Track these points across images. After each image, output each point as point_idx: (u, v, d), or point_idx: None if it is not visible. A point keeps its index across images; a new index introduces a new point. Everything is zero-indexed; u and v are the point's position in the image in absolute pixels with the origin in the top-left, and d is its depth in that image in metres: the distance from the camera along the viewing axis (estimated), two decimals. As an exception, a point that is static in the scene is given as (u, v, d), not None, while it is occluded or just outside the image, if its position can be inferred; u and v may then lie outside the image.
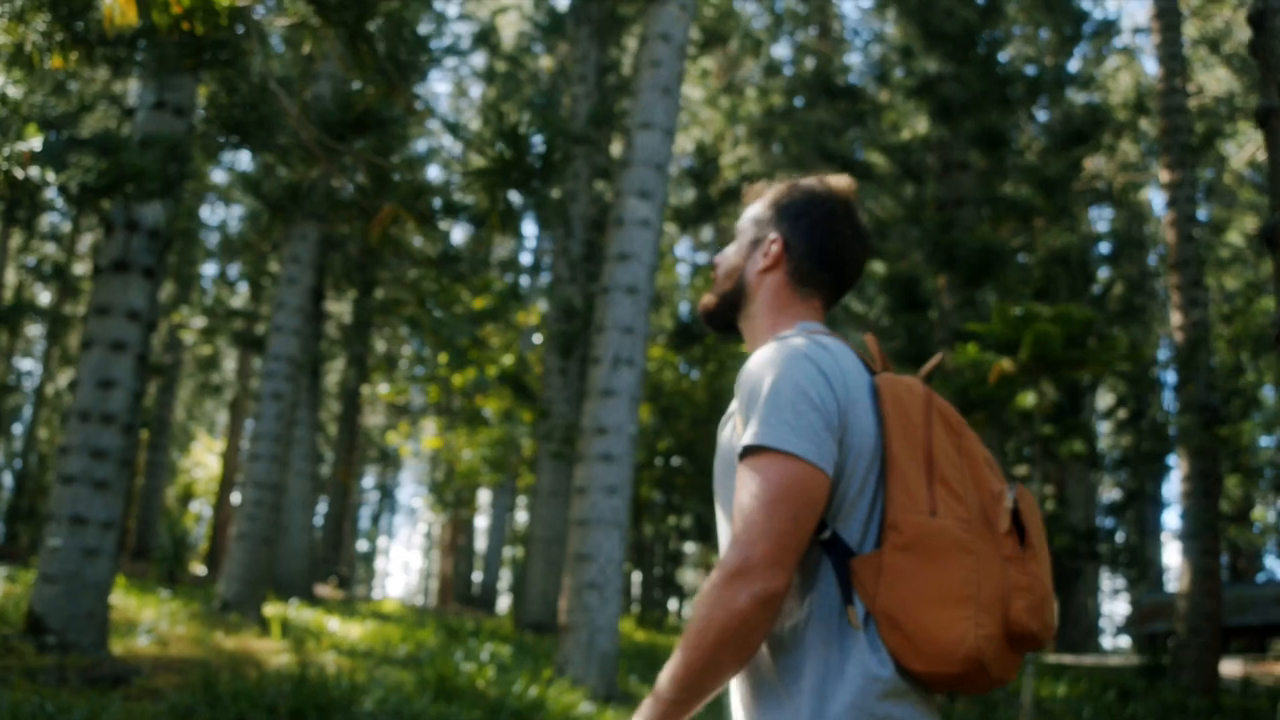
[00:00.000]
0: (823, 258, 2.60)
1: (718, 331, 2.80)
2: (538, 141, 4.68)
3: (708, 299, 2.75)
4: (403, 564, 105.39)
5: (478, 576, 43.86)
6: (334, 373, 34.76)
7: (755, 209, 2.73)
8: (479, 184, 4.68)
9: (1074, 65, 23.84)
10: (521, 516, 41.18)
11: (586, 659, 11.66)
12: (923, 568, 2.17)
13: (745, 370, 2.36)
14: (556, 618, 18.50)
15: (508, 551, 41.35)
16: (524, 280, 34.97)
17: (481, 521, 47.31)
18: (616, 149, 24.48)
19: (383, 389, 33.85)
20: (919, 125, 20.63)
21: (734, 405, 2.41)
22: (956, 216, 17.78)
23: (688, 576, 42.72)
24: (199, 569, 31.22)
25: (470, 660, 12.04)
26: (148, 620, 13.21)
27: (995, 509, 2.27)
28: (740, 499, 2.20)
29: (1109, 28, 23.48)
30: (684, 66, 13.51)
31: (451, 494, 39.11)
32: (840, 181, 2.68)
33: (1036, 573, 2.24)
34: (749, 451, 2.24)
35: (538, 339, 28.24)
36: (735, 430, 2.38)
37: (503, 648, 14.10)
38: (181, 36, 4.68)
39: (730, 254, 2.74)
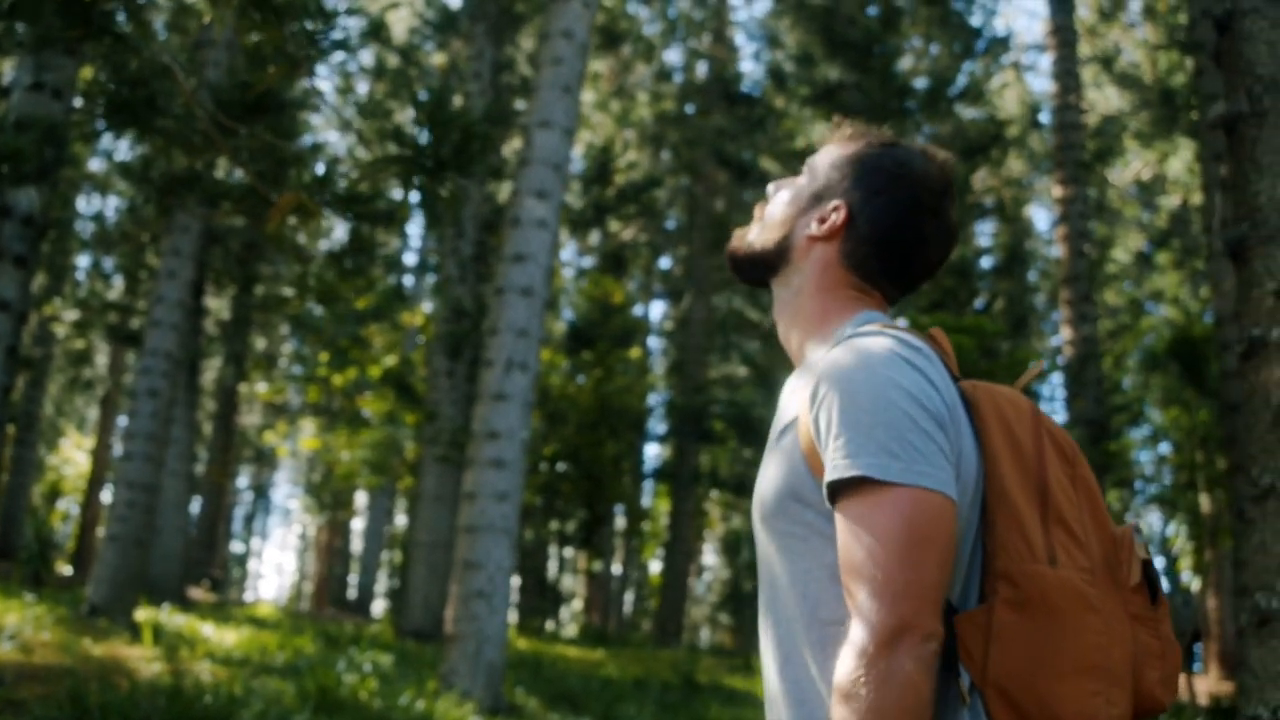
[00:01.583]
0: (887, 250, 2.10)
1: (741, 279, 2.30)
2: (452, 129, 4.40)
3: (744, 240, 2.24)
4: (276, 566, 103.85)
5: (353, 579, 43.29)
6: (210, 370, 34.02)
7: (833, 154, 2.20)
8: (389, 172, 4.38)
9: (962, 80, 23.99)
10: (401, 520, 40.70)
11: (473, 670, 11.36)
12: (1042, 630, 1.73)
13: (822, 376, 1.87)
14: (440, 625, 18.13)
15: (384, 555, 40.82)
16: (409, 279, 34.52)
17: (358, 524, 46.67)
18: (508, 149, 24.19)
19: (261, 388, 33.18)
20: (815, 133, 20.58)
21: (789, 419, 1.97)
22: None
23: (566, 582, 42.51)
24: (65, 569, 30.29)
25: (352, 671, 11.66)
26: (11, 625, 12.63)
27: (1120, 557, 1.87)
28: (859, 550, 1.74)
29: (1002, 44, 23.65)
30: (585, 65, 13.29)
31: (329, 496, 38.51)
32: (945, 159, 2.16)
33: (1169, 636, 1.86)
34: (859, 484, 1.77)
35: (421, 339, 27.82)
36: (799, 452, 1.91)
37: (384, 656, 13.71)
38: (68, 2, 4.34)
39: (786, 198, 2.21)
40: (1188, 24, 16.34)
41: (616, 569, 39.57)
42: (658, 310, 42.77)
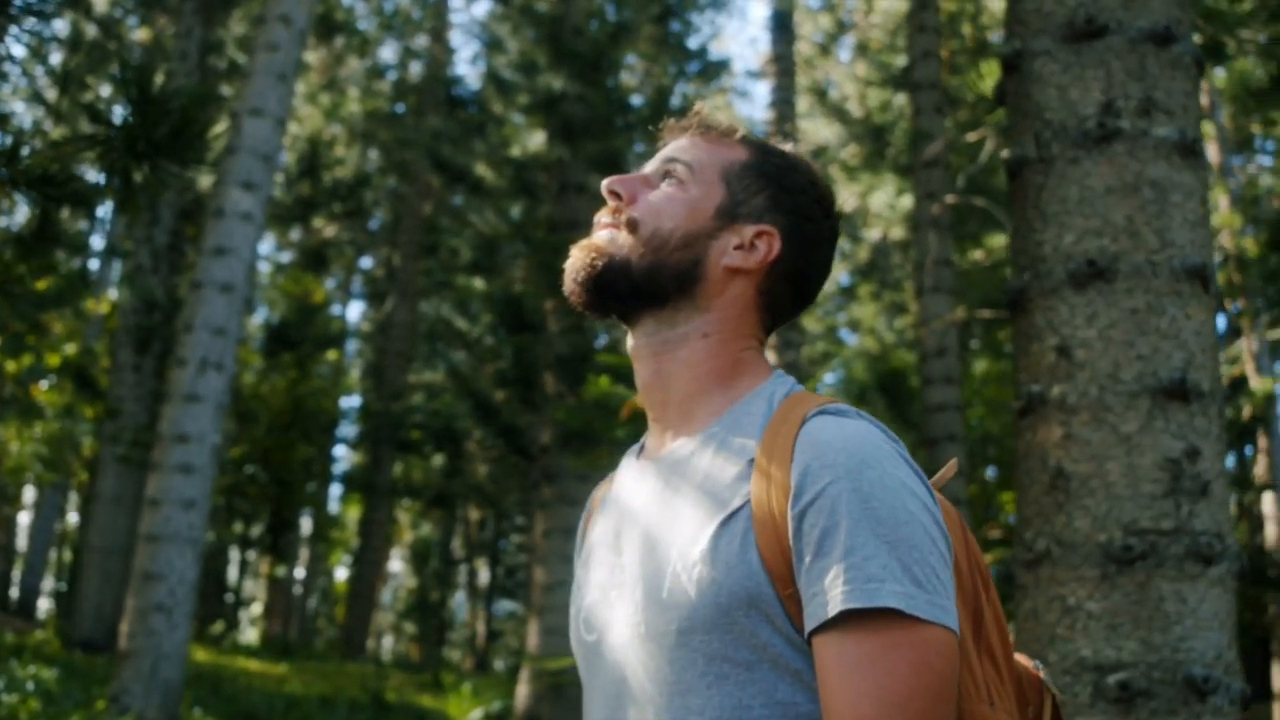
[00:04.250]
0: (801, 286, 1.75)
1: (591, 307, 1.76)
2: (168, 111, 3.90)
3: (611, 254, 1.72)
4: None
5: (16, 576, 40.98)
6: None
7: (724, 158, 1.75)
8: (93, 154, 3.86)
9: (676, 100, 24.16)
10: (73, 518, 38.74)
11: (148, 689, 10.61)
12: None
13: (814, 465, 1.46)
14: (112, 636, 17.06)
15: (52, 554, 38.74)
16: (94, 264, 32.84)
17: (25, 519, 44.20)
18: (211, 135, 23.17)
19: (-76, 371, 31.03)
20: (532, 141, 20.31)
21: (732, 507, 1.53)
22: (569, 239, 17.44)
23: (247, 586, 41.25)
24: None
25: (13, 689, 10.75)
26: None
27: (1027, 696, 1.62)
28: (874, 700, 1.36)
29: (720, 68, 23.86)
30: (302, 54, 12.71)
31: (-7, 489, 36.32)
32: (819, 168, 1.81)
33: None
34: (871, 616, 1.39)
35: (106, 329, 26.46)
36: (755, 553, 1.48)
37: (48, 671, 12.75)
38: None
39: (670, 207, 1.72)
40: (907, 64, 16.70)
41: (300, 574, 38.58)
42: (355, 311, 41.91)
